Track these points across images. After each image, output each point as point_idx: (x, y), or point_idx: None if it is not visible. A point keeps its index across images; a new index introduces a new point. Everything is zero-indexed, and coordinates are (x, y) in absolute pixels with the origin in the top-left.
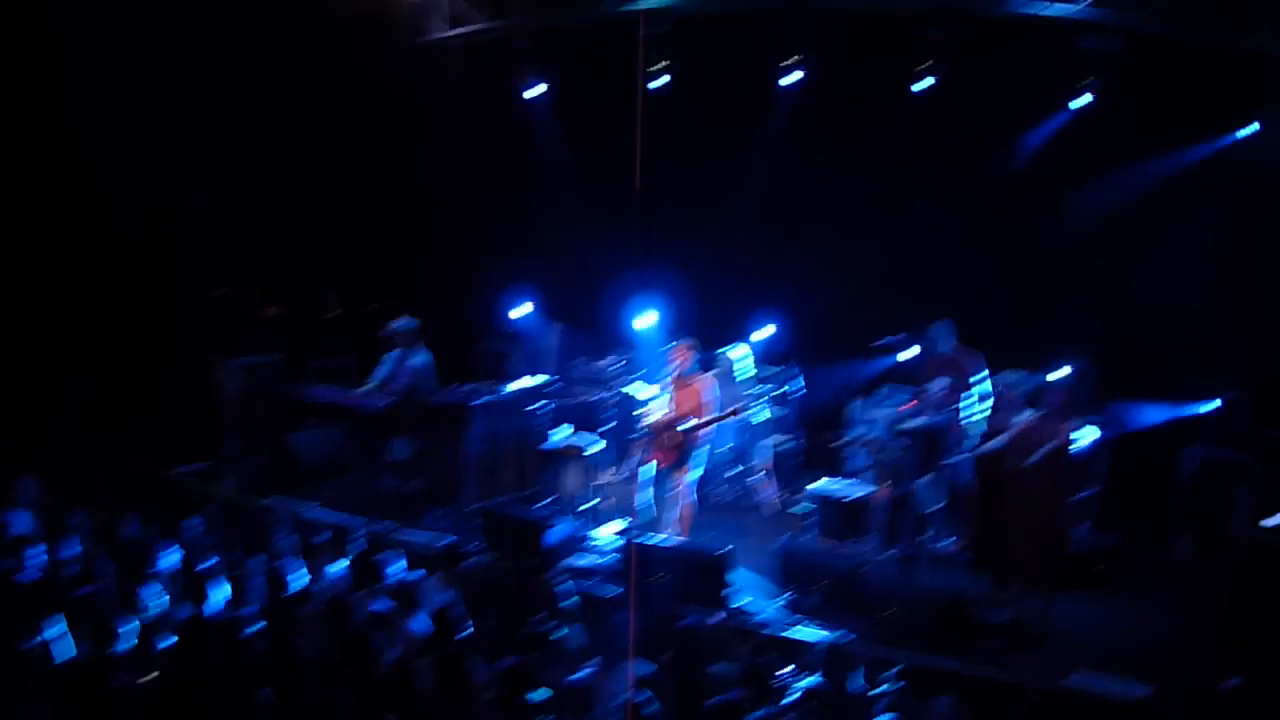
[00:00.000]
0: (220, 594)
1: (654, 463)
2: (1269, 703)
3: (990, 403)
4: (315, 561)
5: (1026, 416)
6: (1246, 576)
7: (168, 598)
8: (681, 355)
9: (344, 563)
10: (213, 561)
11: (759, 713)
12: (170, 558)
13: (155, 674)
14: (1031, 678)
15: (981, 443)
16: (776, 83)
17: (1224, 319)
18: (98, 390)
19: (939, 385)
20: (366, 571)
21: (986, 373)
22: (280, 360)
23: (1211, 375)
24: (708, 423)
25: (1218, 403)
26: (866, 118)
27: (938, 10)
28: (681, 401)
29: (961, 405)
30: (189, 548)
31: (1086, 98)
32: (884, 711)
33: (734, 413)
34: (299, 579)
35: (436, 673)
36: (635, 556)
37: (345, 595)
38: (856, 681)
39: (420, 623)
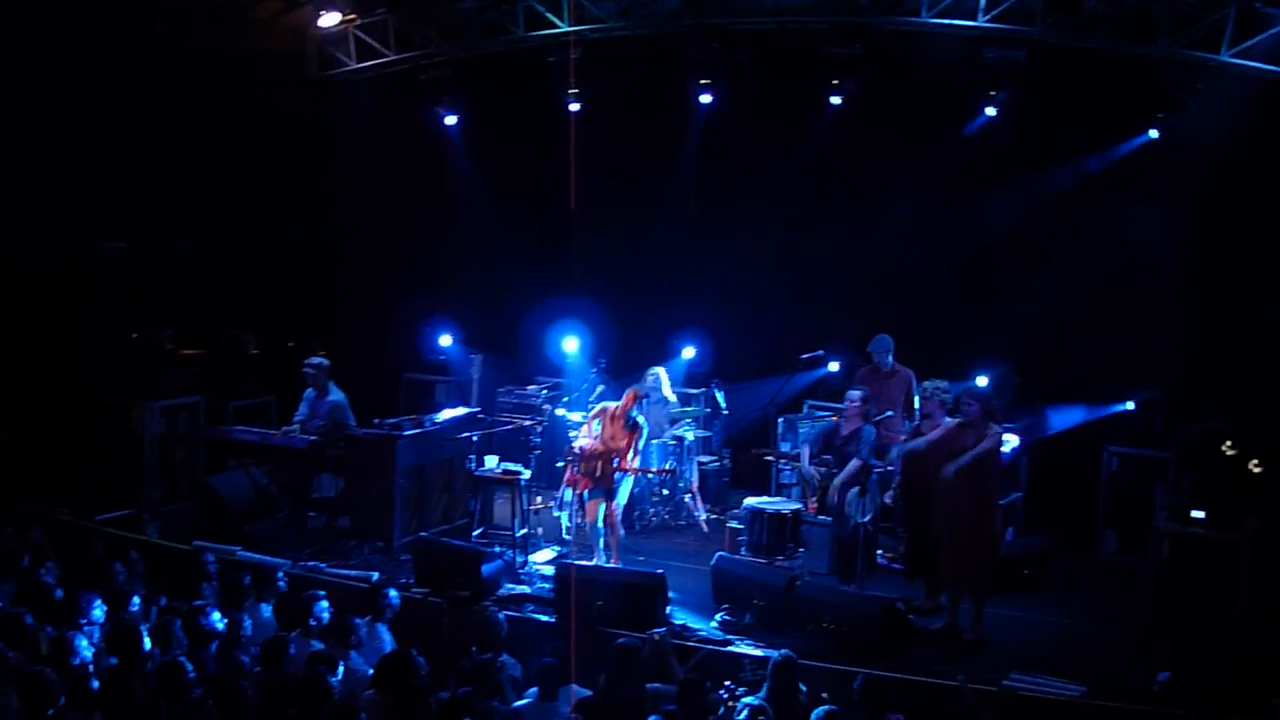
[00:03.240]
0: (146, 642)
1: (573, 487)
2: (1200, 695)
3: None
4: (242, 604)
5: (947, 424)
6: (1170, 571)
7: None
8: (629, 400)
9: (270, 604)
10: (137, 609)
11: None
12: (95, 608)
13: None
14: (969, 683)
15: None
16: (689, 105)
17: (1136, 321)
18: (13, 438)
19: (853, 396)
20: (295, 612)
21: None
22: (200, 402)
23: (1127, 377)
24: (638, 471)
25: (1131, 404)
26: (780, 136)
27: (846, 27)
28: (615, 438)
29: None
30: (113, 596)
31: (992, 110)
32: None
33: (669, 471)
34: (227, 623)
35: (378, 711)
36: (570, 583)
37: (278, 637)
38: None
39: (357, 661)
